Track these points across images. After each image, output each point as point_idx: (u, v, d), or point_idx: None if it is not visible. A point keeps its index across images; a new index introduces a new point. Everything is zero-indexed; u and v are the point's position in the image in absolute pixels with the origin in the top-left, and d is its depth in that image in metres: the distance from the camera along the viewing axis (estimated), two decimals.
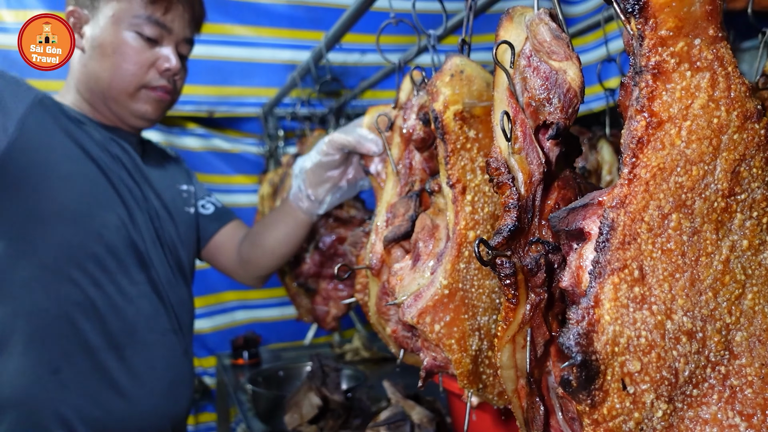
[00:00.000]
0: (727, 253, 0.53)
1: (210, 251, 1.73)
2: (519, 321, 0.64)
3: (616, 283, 0.51)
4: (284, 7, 2.87)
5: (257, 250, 1.61)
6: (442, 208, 0.89)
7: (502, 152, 0.67)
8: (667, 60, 0.51)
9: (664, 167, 0.51)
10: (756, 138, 0.53)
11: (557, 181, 0.70)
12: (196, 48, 2.76)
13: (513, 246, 0.64)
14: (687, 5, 0.51)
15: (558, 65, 0.66)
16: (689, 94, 0.51)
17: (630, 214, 0.51)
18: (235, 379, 2.20)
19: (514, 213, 0.64)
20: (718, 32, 0.52)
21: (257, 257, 1.62)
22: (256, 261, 1.63)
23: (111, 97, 1.42)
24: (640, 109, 0.51)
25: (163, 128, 2.81)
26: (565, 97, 0.65)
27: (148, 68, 1.41)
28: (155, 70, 1.43)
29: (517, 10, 0.75)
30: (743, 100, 0.52)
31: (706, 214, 0.53)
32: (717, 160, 0.52)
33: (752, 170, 0.53)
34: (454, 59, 0.86)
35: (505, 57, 0.71)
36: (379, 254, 0.94)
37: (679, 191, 0.52)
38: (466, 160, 0.85)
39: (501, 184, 0.66)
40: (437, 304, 0.82)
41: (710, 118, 0.51)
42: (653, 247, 0.52)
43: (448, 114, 0.84)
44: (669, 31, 0.51)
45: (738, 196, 0.53)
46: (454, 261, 0.82)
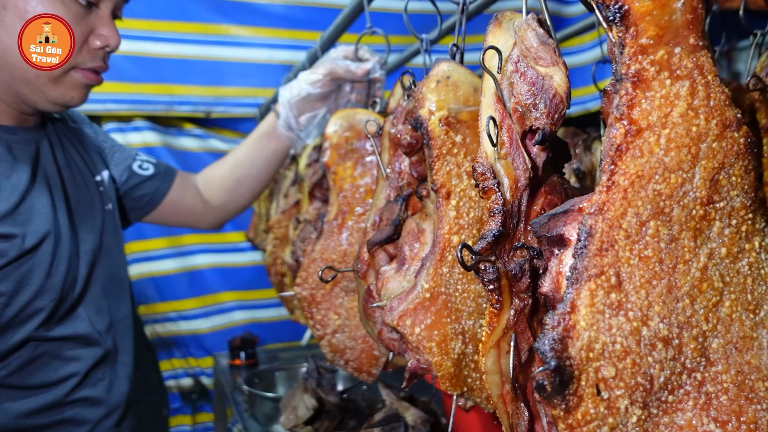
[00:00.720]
0: (705, 261, 0.54)
1: (164, 211, 1.55)
2: (503, 326, 0.65)
3: (592, 289, 0.51)
4: (281, 8, 2.87)
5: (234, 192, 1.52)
6: (429, 212, 0.90)
7: (488, 157, 0.68)
8: (647, 68, 0.51)
9: (642, 175, 0.52)
10: (735, 146, 0.53)
11: (544, 187, 0.70)
12: (192, 48, 2.80)
13: (497, 251, 0.64)
14: (668, 14, 0.52)
15: (545, 71, 0.66)
16: (668, 102, 0.51)
17: (608, 221, 0.52)
18: (232, 380, 2.21)
19: (498, 218, 0.64)
20: (698, 41, 0.52)
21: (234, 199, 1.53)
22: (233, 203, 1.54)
23: (23, 80, 1.11)
24: (619, 116, 0.52)
25: (159, 128, 2.82)
26: (551, 102, 0.65)
27: (81, 43, 1.13)
28: (88, 46, 1.15)
29: (505, 16, 0.75)
30: (723, 108, 0.52)
31: (685, 221, 0.53)
32: (696, 168, 0.52)
33: (731, 178, 0.54)
34: (441, 65, 0.86)
35: (493, 62, 0.72)
36: (365, 258, 0.95)
37: (658, 199, 0.52)
38: (452, 165, 0.85)
39: (486, 189, 0.66)
40: (418, 307, 0.82)
41: (689, 127, 0.52)
42: (631, 254, 0.52)
43: (433, 120, 0.84)
44: (650, 39, 0.52)
45: (717, 204, 0.54)
46: (437, 265, 0.83)
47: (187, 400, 2.79)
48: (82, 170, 1.35)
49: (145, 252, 2.75)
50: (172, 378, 2.81)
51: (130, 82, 2.68)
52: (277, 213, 1.81)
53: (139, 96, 2.70)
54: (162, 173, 1.56)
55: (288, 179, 1.83)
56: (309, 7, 2.92)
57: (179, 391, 2.80)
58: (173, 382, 2.81)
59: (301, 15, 2.92)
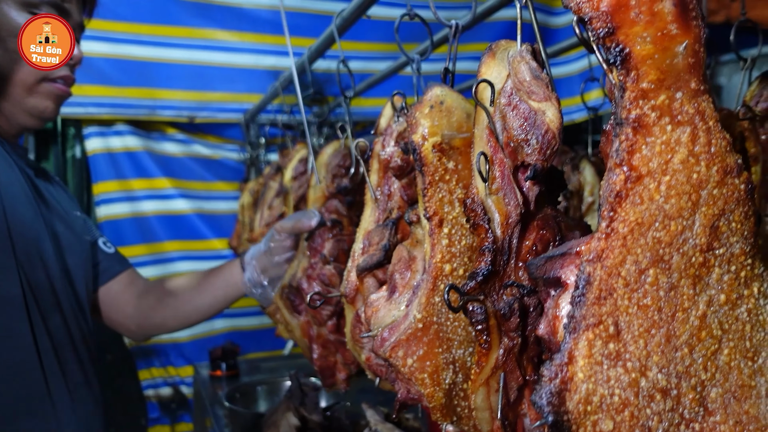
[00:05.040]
0: (704, 308, 0.53)
1: (103, 295, 1.48)
2: (492, 365, 0.63)
3: (590, 339, 0.50)
4: (267, 13, 2.84)
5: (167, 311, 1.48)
6: (420, 239, 0.88)
7: (479, 192, 0.66)
8: (648, 113, 0.50)
9: (642, 222, 0.50)
10: (736, 193, 0.52)
11: (536, 221, 0.69)
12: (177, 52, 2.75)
13: (487, 289, 0.63)
14: (670, 57, 0.51)
15: (537, 105, 0.65)
16: (669, 149, 0.50)
17: (607, 268, 0.50)
18: (213, 392, 2.17)
19: (488, 257, 0.62)
20: (700, 85, 0.51)
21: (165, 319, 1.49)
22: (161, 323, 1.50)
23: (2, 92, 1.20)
24: (619, 162, 0.50)
25: (141, 133, 2.76)
26: (543, 138, 0.64)
27: None
28: None
29: (500, 46, 0.74)
30: (724, 155, 0.51)
31: (684, 269, 0.52)
32: (696, 215, 0.51)
33: (731, 225, 0.53)
34: (435, 89, 0.85)
35: (486, 94, 0.70)
36: (353, 283, 0.93)
37: (657, 246, 0.51)
38: (445, 192, 0.84)
39: (477, 226, 0.65)
40: (410, 337, 0.81)
41: (690, 174, 0.50)
42: (629, 303, 0.51)
43: (427, 146, 0.83)
44: (651, 83, 0.50)
45: (716, 250, 0.53)
46: (429, 294, 0.81)
47: (166, 410, 2.74)
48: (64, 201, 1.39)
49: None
50: (150, 387, 2.76)
51: (112, 86, 2.62)
52: (261, 225, 1.78)
53: (122, 99, 2.64)
54: (119, 259, 1.53)
55: (273, 190, 1.80)
56: (296, 12, 2.89)
57: (158, 400, 2.75)
58: (152, 391, 2.75)
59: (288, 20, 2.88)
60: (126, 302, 1.50)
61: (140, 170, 2.75)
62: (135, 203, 2.74)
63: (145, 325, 1.53)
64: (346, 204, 1.25)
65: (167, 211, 2.80)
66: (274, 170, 1.88)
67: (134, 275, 1.55)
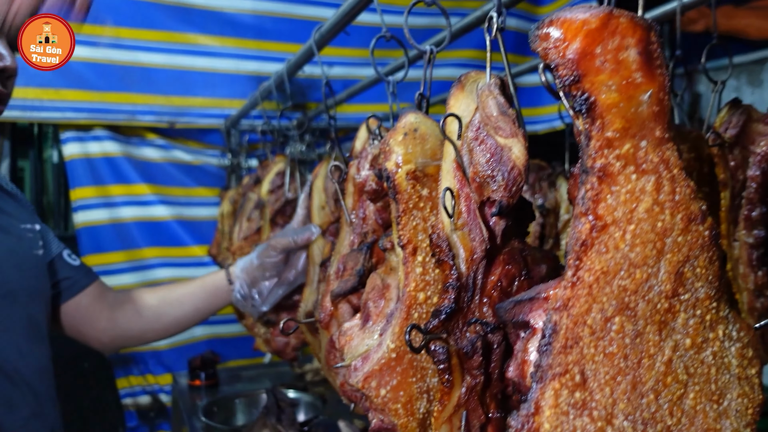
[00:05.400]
0: (669, 354, 0.53)
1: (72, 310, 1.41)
2: (454, 403, 0.63)
3: (557, 388, 0.50)
4: (249, 18, 2.82)
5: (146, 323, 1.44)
6: (394, 266, 0.87)
7: (444, 228, 0.66)
8: (613, 163, 0.50)
9: (607, 271, 0.50)
10: (700, 239, 0.52)
11: (502, 255, 0.69)
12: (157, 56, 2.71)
13: (450, 326, 0.63)
14: (635, 106, 0.51)
15: (504, 142, 0.65)
16: (634, 198, 0.50)
17: (573, 317, 0.50)
18: (191, 402, 2.14)
19: (452, 294, 0.62)
20: (665, 133, 0.51)
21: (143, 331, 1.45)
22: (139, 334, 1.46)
23: None
24: (584, 211, 0.50)
25: (120, 138, 2.72)
26: (509, 175, 0.64)
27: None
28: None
29: (469, 77, 0.74)
30: (688, 202, 0.52)
31: (649, 316, 0.52)
32: (661, 262, 0.51)
33: (696, 270, 0.53)
34: (409, 116, 0.84)
35: (454, 127, 0.70)
36: (328, 309, 0.92)
37: (623, 294, 0.51)
38: (419, 220, 0.83)
39: (442, 262, 0.65)
40: (384, 367, 0.80)
41: (654, 222, 0.51)
42: (595, 351, 0.51)
43: (401, 174, 0.82)
44: (616, 132, 0.50)
45: (682, 296, 0.53)
46: (403, 323, 0.81)
47: (145, 419, 2.71)
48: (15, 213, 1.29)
49: (103, 266, 2.66)
50: (129, 396, 2.72)
51: (90, 90, 2.58)
52: (240, 238, 1.76)
53: (100, 104, 2.60)
54: (86, 271, 1.46)
55: (252, 201, 1.79)
56: (278, 18, 2.88)
57: (136, 409, 2.72)
58: (130, 400, 2.72)
59: (270, 26, 2.87)
60: (97, 315, 1.44)
61: (119, 176, 2.71)
62: (114, 209, 2.70)
63: (121, 337, 1.49)
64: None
65: (147, 217, 2.77)
66: (253, 181, 1.87)
67: (103, 287, 1.50)
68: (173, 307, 1.50)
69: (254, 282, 1.42)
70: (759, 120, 0.99)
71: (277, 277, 1.40)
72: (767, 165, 0.96)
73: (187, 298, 1.51)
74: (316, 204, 1.29)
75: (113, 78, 2.60)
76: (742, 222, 0.98)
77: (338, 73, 3.01)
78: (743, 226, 0.98)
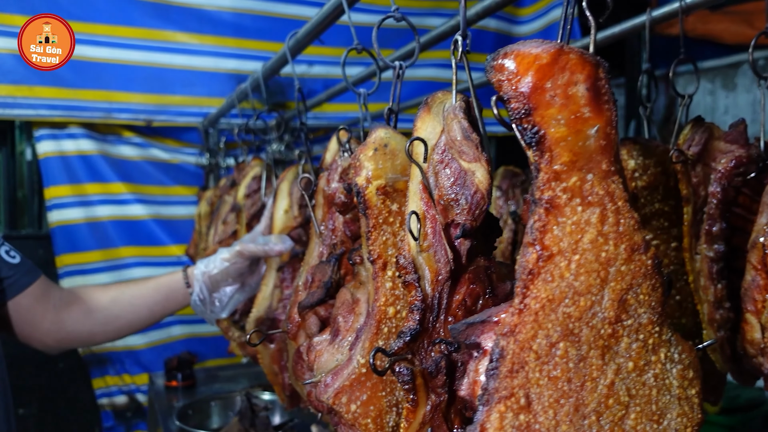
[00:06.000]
0: (612, 377, 0.55)
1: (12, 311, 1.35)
2: (419, 421, 0.65)
3: (502, 411, 0.52)
4: (229, 15, 2.81)
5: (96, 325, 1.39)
6: (363, 280, 0.89)
7: (410, 250, 0.68)
8: (560, 195, 0.52)
9: (553, 299, 0.52)
10: (643, 268, 0.55)
11: (468, 274, 0.70)
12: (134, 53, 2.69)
13: (415, 347, 0.65)
14: (582, 140, 0.53)
15: (467, 166, 0.67)
16: (579, 229, 0.52)
17: (519, 343, 0.52)
18: (168, 404, 2.14)
19: (417, 315, 0.64)
20: (611, 166, 0.54)
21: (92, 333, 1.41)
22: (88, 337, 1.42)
23: None
24: (532, 241, 0.52)
25: (96, 136, 2.70)
26: (472, 198, 0.66)
27: None
28: None
29: (436, 99, 0.75)
30: (632, 233, 0.54)
31: (593, 341, 0.54)
32: (605, 290, 0.54)
33: (639, 297, 0.55)
34: (379, 132, 0.85)
35: (421, 149, 0.71)
36: (295, 320, 0.93)
37: (567, 321, 0.53)
38: (388, 234, 0.85)
39: (407, 284, 0.66)
40: (354, 383, 0.81)
41: (599, 252, 0.53)
42: (540, 375, 0.53)
43: (371, 189, 0.83)
44: (563, 165, 0.52)
45: (625, 321, 0.55)
46: (373, 338, 0.82)
47: (121, 419, 2.70)
48: None
49: (78, 265, 2.64)
50: (105, 396, 2.71)
51: (65, 87, 2.55)
52: (215, 241, 1.76)
53: (75, 102, 2.57)
54: (27, 268, 1.39)
55: (227, 204, 1.79)
56: (258, 15, 2.87)
57: (112, 409, 2.71)
58: (106, 400, 2.71)
59: (250, 23, 2.85)
60: (40, 316, 1.37)
61: (95, 174, 2.68)
62: (89, 208, 2.68)
63: (67, 339, 1.42)
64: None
65: (123, 216, 2.75)
66: (229, 183, 1.87)
67: (47, 285, 1.42)
68: (125, 309, 1.45)
69: (215, 286, 1.38)
70: (720, 138, 1.02)
71: (240, 283, 1.39)
72: (727, 182, 0.98)
73: (140, 300, 1.46)
74: (280, 207, 1.30)
75: (89, 75, 2.57)
76: (703, 236, 1.01)
77: (319, 71, 3.01)
78: (704, 241, 1.01)
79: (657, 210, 1.13)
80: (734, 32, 3.51)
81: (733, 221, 1.01)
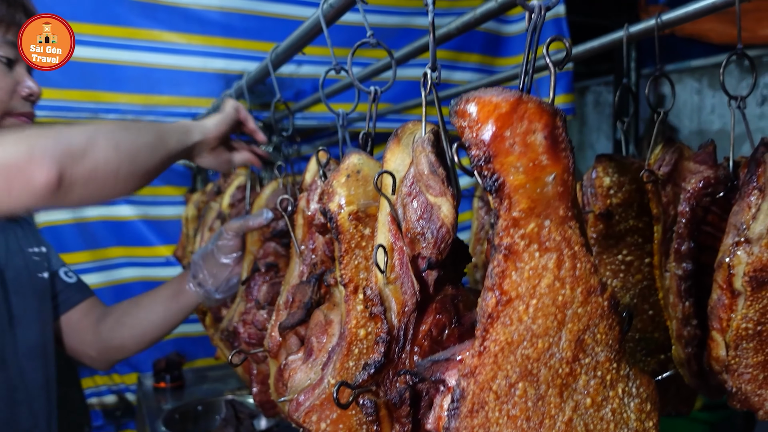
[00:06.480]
0: (570, 413, 0.57)
1: (64, 326, 1.49)
2: None
3: None
4: (217, 14, 2.79)
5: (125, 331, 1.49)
6: (337, 302, 0.91)
7: (377, 282, 0.69)
8: (518, 242, 0.54)
9: (511, 341, 0.54)
10: (599, 309, 0.57)
11: (434, 304, 0.72)
12: (121, 53, 2.67)
13: (380, 378, 0.66)
14: (540, 187, 0.54)
15: (434, 200, 0.68)
16: (537, 274, 0.54)
17: (479, 383, 0.54)
18: (156, 405, 2.17)
19: (381, 347, 0.66)
20: (568, 212, 0.55)
21: (123, 339, 1.50)
22: (120, 344, 1.50)
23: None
24: (491, 286, 0.54)
25: None
26: (437, 232, 0.67)
27: (11, 94, 1.24)
28: (18, 95, 1.25)
29: (406, 130, 0.76)
30: (588, 276, 0.56)
31: (551, 380, 0.56)
32: (562, 331, 0.56)
33: (596, 336, 0.57)
34: (352, 158, 0.87)
35: (390, 181, 0.73)
36: (276, 340, 0.95)
37: (526, 362, 0.55)
38: (360, 258, 0.86)
39: (374, 315, 0.68)
40: (324, 402, 0.83)
41: (555, 296, 0.55)
42: (500, 414, 0.55)
43: (343, 215, 0.85)
44: (522, 212, 0.54)
45: (582, 360, 0.57)
46: (344, 359, 0.84)
47: (111, 418, 2.72)
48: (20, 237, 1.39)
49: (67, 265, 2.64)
50: (94, 395, 2.73)
51: (51, 87, 2.53)
52: None
53: (62, 102, 2.57)
54: (78, 287, 1.54)
55: (213, 211, 1.79)
56: (246, 15, 2.85)
57: (102, 408, 2.73)
58: (96, 399, 2.73)
59: (238, 23, 2.84)
60: (85, 330, 1.49)
61: None
62: (77, 209, 2.68)
63: (106, 350, 1.52)
64: (283, 246, 1.26)
65: (111, 216, 2.75)
66: (215, 190, 1.88)
67: (94, 303, 1.55)
68: (145, 311, 1.51)
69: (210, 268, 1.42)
70: (690, 158, 1.04)
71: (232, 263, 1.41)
72: (695, 202, 1.01)
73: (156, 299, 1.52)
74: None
75: (75, 75, 2.56)
76: (672, 255, 1.03)
77: (308, 71, 3.00)
78: (673, 259, 1.03)
79: (632, 226, 1.15)
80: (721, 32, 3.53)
81: (702, 240, 1.03)
